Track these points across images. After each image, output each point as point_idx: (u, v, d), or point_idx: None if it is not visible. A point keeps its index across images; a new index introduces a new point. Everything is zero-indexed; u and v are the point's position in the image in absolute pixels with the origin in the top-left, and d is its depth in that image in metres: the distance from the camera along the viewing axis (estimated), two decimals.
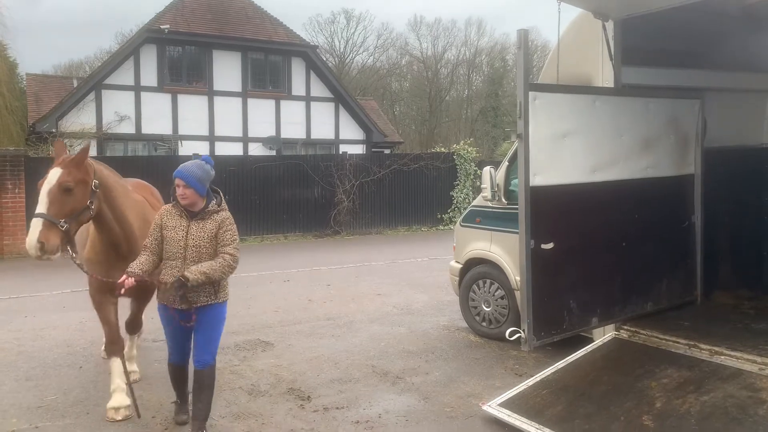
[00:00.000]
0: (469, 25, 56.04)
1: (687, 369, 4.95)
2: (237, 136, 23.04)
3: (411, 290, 10.36)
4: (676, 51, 6.50)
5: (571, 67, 6.05)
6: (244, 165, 17.80)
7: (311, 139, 24.57)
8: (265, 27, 24.25)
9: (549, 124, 5.08)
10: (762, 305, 6.41)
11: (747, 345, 5.11)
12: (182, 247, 4.47)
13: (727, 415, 4.28)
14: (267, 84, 23.73)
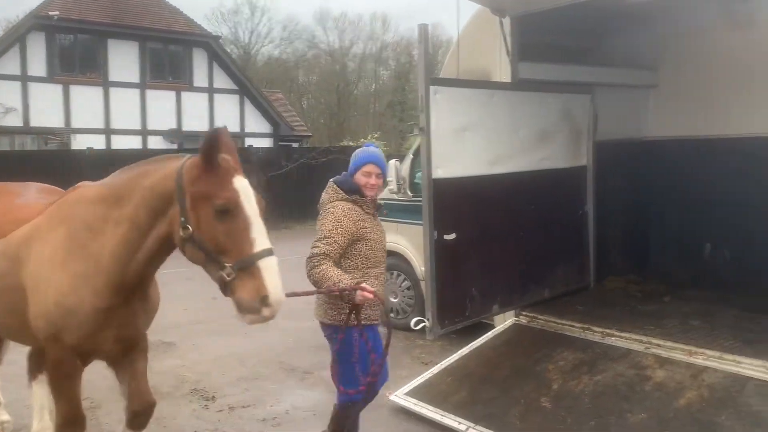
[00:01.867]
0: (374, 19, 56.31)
1: (581, 351, 5.21)
2: (135, 129, 22.10)
3: None
4: (570, 47, 6.80)
5: (471, 61, 6.20)
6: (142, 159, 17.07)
7: None
8: (164, 16, 23.35)
9: (450, 118, 5.18)
10: (648, 289, 6.84)
11: (635, 326, 5.44)
12: (383, 249, 3.84)
13: (617, 392, 4.55)
14: (167, 75, 22.88)
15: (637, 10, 6.30)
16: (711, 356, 4.71)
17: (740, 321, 5.53)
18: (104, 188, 3.22)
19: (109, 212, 3.10)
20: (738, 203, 6.52)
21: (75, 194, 3.36)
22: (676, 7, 6.45)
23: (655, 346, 5.02)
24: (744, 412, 4.04)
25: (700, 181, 6.84)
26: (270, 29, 49.32)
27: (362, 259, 3.78)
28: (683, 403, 4.25)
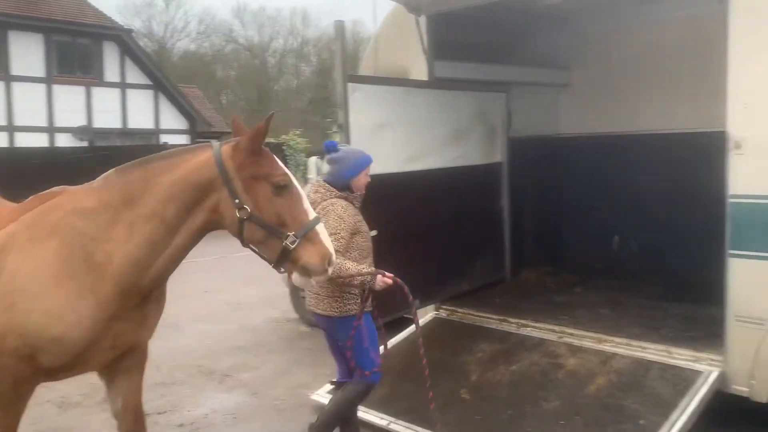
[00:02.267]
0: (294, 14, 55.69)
1: (498, 342, 5.36)
2: (41, 126, 21.00)
3: (242, 285, 10.15)
4: (485, 46, 6.95)
5: (389, 59, 6.24)
6: (50, 157, 16.27)
7: (128, 128, 23.08)
8: (70, 7, 22.27)
9: (368, 115, 5.20)
10: (561, 280, 7.10)
11: (548, 317, 5.64)
12: (370, 240, 4.09)
13: (532, 381, 4.71)
14: (76, 69, 21.87)
15: (550, 12, 6.53)
16: (619, 343, 4.95)
17: (645, 309, 5.83)
18: (104, 192, 3.01)
19: (117, 216, 2.94)
20: (644, 196, 6.88)
21: (61, 202, 3.05)
22: (588, 9, 6.74)
23: (568, 335, 5.22)
24: (648, 394, 4.27)
25: (609, 176, 7.17)
26: (186, 23, 47.94)
27: (359, 251, 3.97)
28: (593, 389, 4.45)
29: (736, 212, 4.16)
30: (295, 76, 50.76)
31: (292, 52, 50.06)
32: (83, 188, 3.11)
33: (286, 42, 50.03)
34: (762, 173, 4.05)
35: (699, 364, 4.45)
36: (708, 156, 4.57)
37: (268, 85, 47.86)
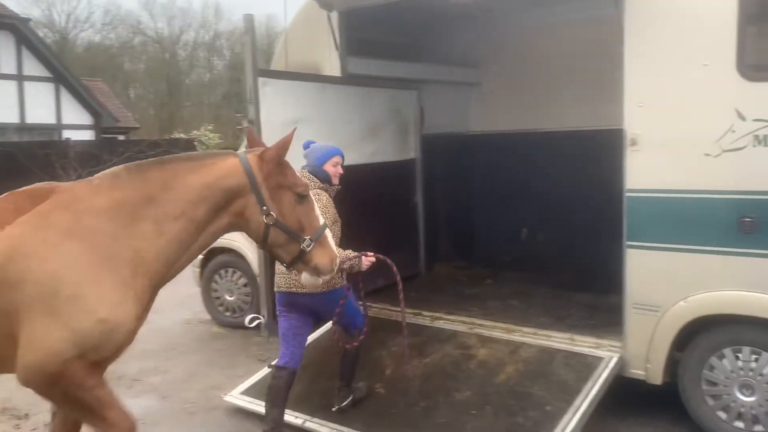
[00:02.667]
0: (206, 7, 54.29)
1: (413, 336, 5.41)
2: None
3: None
4: (397, 44, 7.03)
5: (301, 54, 6.18)
6: None
7: (26, 123, 21.78)
8: None
9: (281, 111, 5.14)
10: (473, 273, 7.29)
11: (460, 309, 5.78)
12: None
13: (444, 372, 4.80)
14: None
15: (460, 11, 6.66)
16: (527, 333, 5.13)
17: (552, 298, 6.08)
18: (117, 191, 3.02)
19: (137, 214, 3.00)
20: (550, 191, 7.16)
21: (65, 201, 2.99)
22: (495, 11, 6.92)
23: (479, 327, 5.37)
24: (554, 381, 4.45)
25: (518, 172, 7.41)
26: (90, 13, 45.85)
27: (336, 238, 4.22)
28: (503, 378, 4.60)
29: (632, 206, 4.40)
30: (207, 69, 49.46)
31: (203, 46, 48.73)
32: (83, 186, 3.08)
33: (197, 35, 48.66)
34: (656, 169, 4.29)
35: (600, 351, 4.69)
36: (609, 152, 4.80)
37: (178, 78, 46.38)
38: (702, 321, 4.25)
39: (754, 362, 4.14)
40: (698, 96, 4.09)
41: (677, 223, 4.24)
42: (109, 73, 42.26)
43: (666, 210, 4.28)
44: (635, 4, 4.27)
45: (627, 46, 4.34)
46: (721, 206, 4.06)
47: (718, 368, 4.26)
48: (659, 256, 4.32)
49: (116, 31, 46.09)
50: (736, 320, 4.15)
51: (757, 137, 3.91)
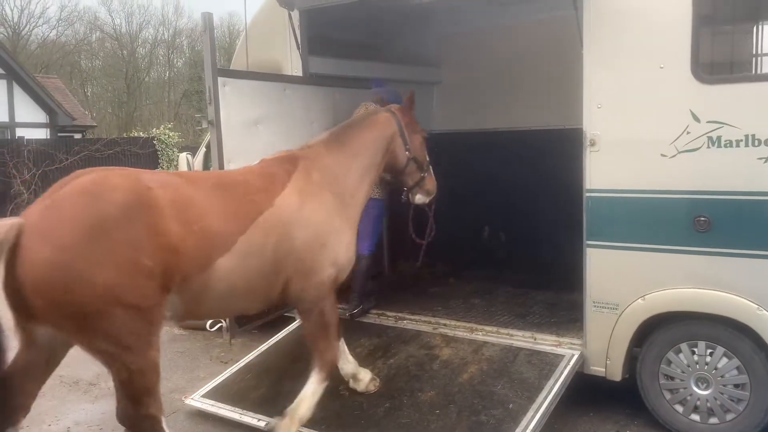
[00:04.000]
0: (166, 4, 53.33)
1: (377, 336, 5.43)
2: None
3: None
4: (359, 43, 6.99)
5: (262, 53, 6.10)
6: None
7: None
8: None
9: (241, 111, 5.06)
10: (437, 271, 7.31)
11: (424, 308, 5.80)
12: None
13: (408, 373, 4.81)
14: None
15: (419, 11, 6.67)
16: (489, 332, 5.17)
17: (513, 297, 6.14)
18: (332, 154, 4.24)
19: (348, 167, 4.26)
20: (512, 190, 7.22)
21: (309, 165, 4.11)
22: (455, 10, 6.96)
23: (442, 326, 5.39)
24: (516, 379, 4.50)
25: (480, 171, 7.45)
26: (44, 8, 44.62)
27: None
28: (466, 377, 4.62)
29: (591, 205, 4.47)
30: (167, 67, 48.63)
31: (163, 43, 47.93)
32: (311, 151, 4.24)
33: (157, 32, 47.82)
34: (614, 169, 4.37)
35: (561, 348, 4.75)
36: (569, 152, 4.87)
37: (137, 76, 45.47)
38: (659, 318, 4.34)
39: (708, 356, 4.24)
40: (655, 98, 4.17)
41: (635, 222, 4.32)
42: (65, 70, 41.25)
43: (624, 209, 4.36)
44: (593, 6, 4.33)
45: (585, 48, 4.40)
46: (677, 206, 4.15)
47: (674, 363, 4.36)
48: (618, 255, 4.40)
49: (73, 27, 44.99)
50: (692, 316, 4.26)
51: (711, 138, 4.00)
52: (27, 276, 2.91)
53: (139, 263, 3.10)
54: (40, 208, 3.09)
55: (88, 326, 3.04)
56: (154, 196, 3.27)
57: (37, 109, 22.75)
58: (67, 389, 5.52)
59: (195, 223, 3.38)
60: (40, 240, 2.95)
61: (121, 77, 44.51)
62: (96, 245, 3.00)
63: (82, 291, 2.95)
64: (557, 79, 6.42)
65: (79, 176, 3.28)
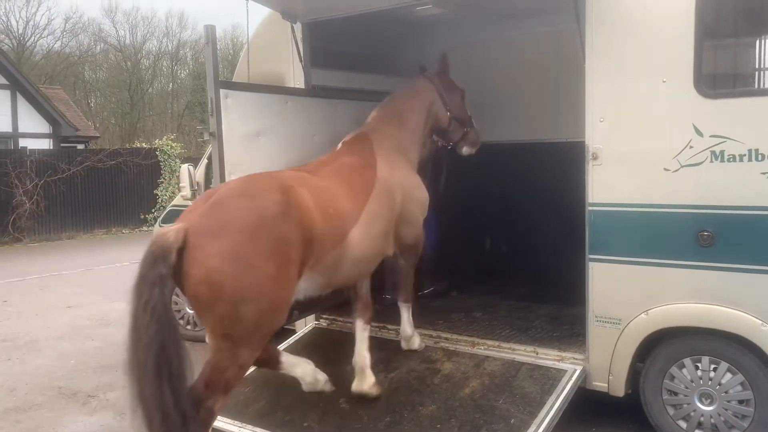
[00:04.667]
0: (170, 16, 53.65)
1: (378, 350, 5.37)
2: None
3: (108, 299, 9.56)
4: (361, 56, 7.01)
5: (265, 66, 6.11)
6: None
7: None
8: None
9: (243, 123, 5.06)
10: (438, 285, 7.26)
11: (425, 322, 5.75)
12: None
13: (409, 387, 4.76)
14: None
15: (423, 23, 6.69)
16: (491, 346, 5.13)
17: (515, 310, 6.10)
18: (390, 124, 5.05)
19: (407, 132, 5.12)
20: (514, 202, 7.20)
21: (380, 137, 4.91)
22: (459, 22, 6.96)
23: (444, 340, 5.35)
24: (518, 394, 4.45)
25: (482, 182, 7.42)
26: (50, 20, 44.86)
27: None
28: (468, 392, 4.58)
29: (594, 219, 4.44)
30: (170, 79, 48.83)
31: (167, 55, 48.14)
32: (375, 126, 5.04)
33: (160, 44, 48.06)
34: (617, 183, 4.35)
35: (563, 363, 4.71)
36: (573, 165, 4.85)
37: (141, 87, 45.66)
38: (662, 333, 4.30)
39: (712, 372, 4.21)
40: (657, 112, 4.16)
41: (638, 236, 4.30)
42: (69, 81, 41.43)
43: (627, 223, 4.33)
44: (596, 20, 4.33)
45: (588, 61, 4.40)
46: (680, 220, 4.13)
47: (678, 378, 4.33)
48: (621, 269, 4.37)
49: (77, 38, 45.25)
50: (695, 331, 4.22)
51: (714, 153, 3.99)
52: (199, 269, 3.32)
53: (289, 257, 3.55)
54: (200, 213, 3.49)
55: (232, 314, 3.38)
56: (298, 193, 3.76)
57: (40, 119, 22.82)
58: (65, 401, 5.48)
59: (329, 208, 3.97)
60: (212, 239, 3.36)
61: (124, 88, 44.71)
62: (260, 241, 3.42)
63: (248, 281, 3.36)
64: (560, 92, 6.42)
65: (226, 185, 3.86)
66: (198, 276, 3.33)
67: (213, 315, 3.43)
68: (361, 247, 4.23)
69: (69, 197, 17.45)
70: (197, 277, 3.34)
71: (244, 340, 3.49)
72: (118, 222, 18.60)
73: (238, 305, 3.38)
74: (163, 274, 3.29)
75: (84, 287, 10.59)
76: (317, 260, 3.87)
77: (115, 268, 12.50)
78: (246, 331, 3.48)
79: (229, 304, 3.37)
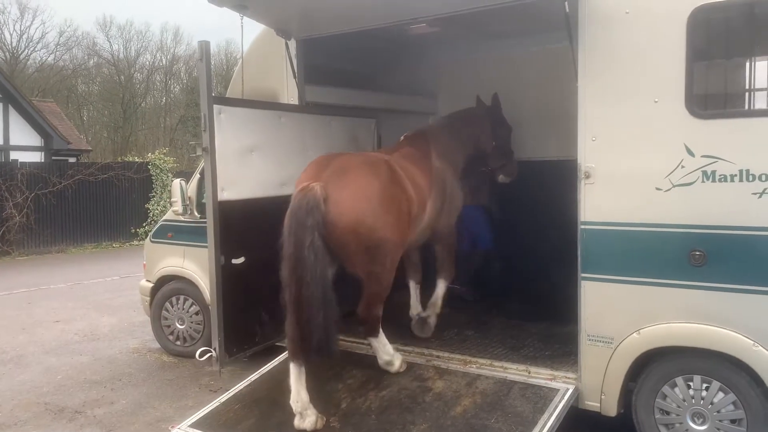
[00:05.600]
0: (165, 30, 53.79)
1: (369, 368, 5.34)
2: None
3: (97, 313, 9.47)
4: (355, 73, 7.04)
5: (258, 82, 6.13)
6: None
7: None
8: None
9: (236, 138, 5.06)
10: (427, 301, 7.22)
11: (417, 339, 5.72)
12: None
13: (401, 405, 4.72)
14: None
15: (417, 41, 6.73)
16: (483, 364, 5.11)
17: (507, 328, 6.08)
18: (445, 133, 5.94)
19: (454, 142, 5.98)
20: (507, 219, 7.21)
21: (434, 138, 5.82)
22: (452, 41, 7.02)
23: (435, 358, 5.32)
24: (510, 413, 4.42)
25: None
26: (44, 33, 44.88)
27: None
28: (459, 411, 4.54)
29: (586, 238, 4.45)
30: (164, 93, 48.84)
31: (161, 69, 48.18)
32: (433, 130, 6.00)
33: (154, 58, 48.12)
34: (609, 202, 4.36)
35: (556, 382, 4.69)
36: (565, 183, 4.86)
37: (134, 101, 45.62)
38: (655, 352, 4.30)
39: (704, 391, 4.20)
40: (649, 131, 4.19)
41: (630, 255, 4.30)
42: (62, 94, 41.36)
43: (619, 242, 4.34)
44: (589, 40, 4.37)
45: (581, 80, 4.43)
46: (672, 240, 4.14)
47: (670, 397, 4.31)
48: (613, 288, 4.37)
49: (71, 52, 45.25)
50: (687, 351, 4.21)
51: (705, 173, 4.01)
52: (348, 219, 4.38)
53: (402, 211, 4.72)
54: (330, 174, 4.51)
55: (372, 255, 4.54)
56: (395, 166, 4.92)
57: (32, 132, 22.75)
58: (51, 417, 5.41)
59: (415, 182, 5.03)
60: (352, 197, 4.43)
61: (117, 102, 44.66)
62: (384, 200, 4.56)
63: (381, 231, 4.50)
64: (553, 110, 6.46)
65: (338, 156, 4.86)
66: (347, 224, 4.37)
67: (359, 255, 4.53)
68: (429, 217, 5.31)
69: (59, 210, 17.34)
70: (346, 226, 4.37)
71: (384, 270, 4.66)
72: (108, 236, 18.48)
73: (376, 246, 4.51)
74: (318, 221, 4.24)
75: (73, 301, 10.49)
76: (413, 221, 4.96)
77: (104, 282, 12.40)
78: (383, 264, 4.63)
79: (370, 246, 4.48)
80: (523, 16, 5.88)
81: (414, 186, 5.00)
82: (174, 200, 6.77)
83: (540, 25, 6.16)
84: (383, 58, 7.18)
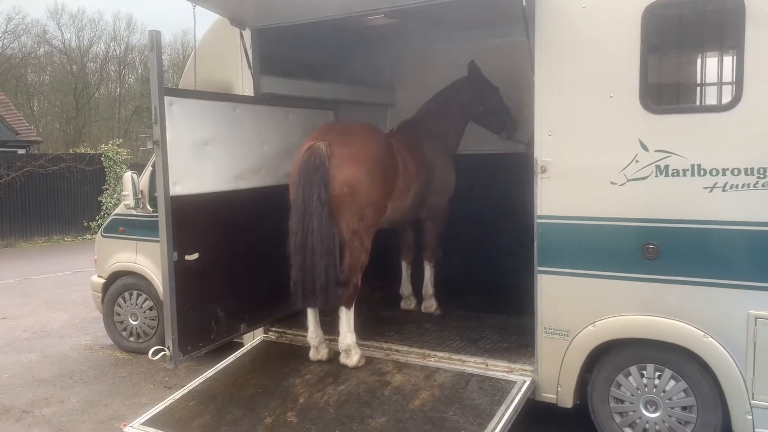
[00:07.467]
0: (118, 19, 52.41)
1: (327, 363, 5.30)
2: None
3: (47, 309, 9.19)
4: (312, 64, 6.95)
5: (213, 73, 5.99)
6: None
7: None
8: None
9: (189, 131, 4.93)
10: (389, 295, 7.21)
11: (376, 333, 5.71)
12: None
13: (359, 399, 4.70)
14: None
15: (374, 32, 6.67)
16: (441, 357, 5.12)
17: (465, 321, 6.11)
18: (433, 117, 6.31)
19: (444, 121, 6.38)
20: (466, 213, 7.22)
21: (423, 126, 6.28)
22: (410, 33, 6.98)
23: (395, 352, 5.31)
24: (468, 406, 4.44)
25: None
26: None
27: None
28: (418, 404, 4.54)
29: (542, 231, 4.48)
30: (118, 83, 47.58)
31: (114, 59, 46.90)
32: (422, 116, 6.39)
33: (108, 47, 46.80)
34: (565, 196, 4.40)
35: (513, 375, 4.73)
36: (523, 177, 4.89)
37: (86, 92, 44.34)
38: (610, 344, 4.36)
39: (657, 379, 4.29)
40: (605, 126, 4.24)
41: (585, 249, 4.36)
42: (10, 83, 39.93)
43: (575, 236, 4.39)
44: (545, 34, 4.38)
45: (537, 75, 4.44)
46: (626, 233, 4.20)
47: (624, 386, 4.39)
48: (568, 281, 4.42)
49: (20, 40, 43.66)
50: (641, 342, 4.29)
51: (659, 167, 4.08)
52: (346, 174, 4.84)
53: (389, 179, 5.17)
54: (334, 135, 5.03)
55: (360, 213, 4.93)
56: (391, 140, 5.52)
57: None
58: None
59: (407, 161, 5.52)
60: (351, 155, 4.90)
61: (69, 92, 43.32)
62: (380, 164, 5.06)
63: (374, 193, 4.98)
64: (512, 104, 6.49)
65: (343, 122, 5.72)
66: (344, 179, 4.82)
67: (349, 212, 4.88)
68: (414, 200, 5.71)
69: (8, 203, 16.75)
70: (343, 180, 4.82)
71: (365, 232, 4.99)
72: (60, 230, 17.95)
73: (364, 207, 4.92)
74: (325, 176, 4.75)
75: (21, 297, 10.15)
76: (396, 196, 5.34)
77: (55, 277, 12.04)
78: (366, 225, 4.99)
79: (359, 205, 4.88)
80: (482, 9, 5.88)
81: (404, 165, 5.45)
82: (125, 194, 6.59)
83: (499, 17, 6.17)
84: (341, 49, 7.10)
